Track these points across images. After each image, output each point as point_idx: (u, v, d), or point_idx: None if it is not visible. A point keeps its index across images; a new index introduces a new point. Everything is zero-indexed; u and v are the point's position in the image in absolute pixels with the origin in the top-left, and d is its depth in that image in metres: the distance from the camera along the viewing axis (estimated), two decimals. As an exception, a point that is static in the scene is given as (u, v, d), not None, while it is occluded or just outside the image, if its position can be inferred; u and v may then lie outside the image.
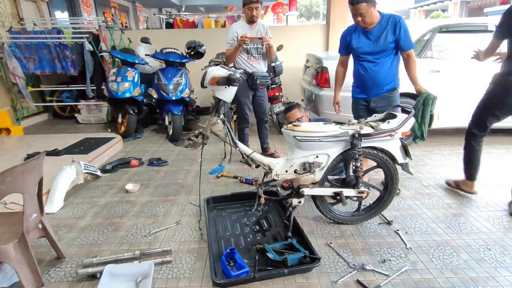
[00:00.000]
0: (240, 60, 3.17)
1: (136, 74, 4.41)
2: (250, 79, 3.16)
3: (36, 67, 4.90)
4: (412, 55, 2.46)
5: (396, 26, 2.39)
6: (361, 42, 2.52)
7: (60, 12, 7.24)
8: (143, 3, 12.72)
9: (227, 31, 3.19)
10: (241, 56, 3.14)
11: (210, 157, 3.65)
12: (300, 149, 2.02)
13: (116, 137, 4.06)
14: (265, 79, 3.23)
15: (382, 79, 2.53)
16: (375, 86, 2.57)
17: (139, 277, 1.74)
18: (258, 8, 3.01)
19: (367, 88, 2.60)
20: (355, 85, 2.71)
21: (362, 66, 2.57)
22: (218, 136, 2.13)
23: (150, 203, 2.65)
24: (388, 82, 2.54)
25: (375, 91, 2.58)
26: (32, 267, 1.65)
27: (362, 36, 2.51)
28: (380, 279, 1.75)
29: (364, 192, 2.14)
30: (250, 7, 2.99)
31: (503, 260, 1.88)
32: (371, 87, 2.58)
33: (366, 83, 2.59)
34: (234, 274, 1.71)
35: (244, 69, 3.15)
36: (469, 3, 16.62)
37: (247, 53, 3.13)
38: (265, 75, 3.23)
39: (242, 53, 3.13)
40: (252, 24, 3.13)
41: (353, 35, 2.56)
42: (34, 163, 1.65)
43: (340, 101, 2.84)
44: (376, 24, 2.43)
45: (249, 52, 3.13)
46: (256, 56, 3.17)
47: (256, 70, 3.17)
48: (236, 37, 3.05)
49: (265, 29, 3.18)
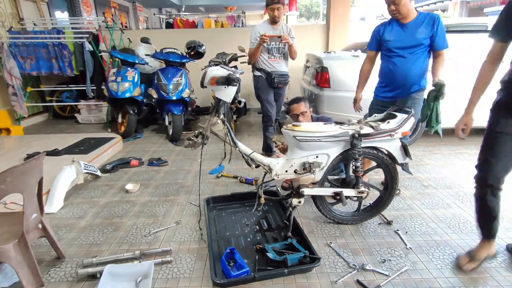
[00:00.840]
0: (260, 60, 3.24)
1: (136, 74, 4.41)
2: (269, 78, 3.23)
3: (33, 68, 4.88)
4: (442, 56, 2.39)
5: (435, 23, 2.33)
6: (394, 34, 2.44)
7: (60, 12, 7.24)
8: (143, 3, 12.71)
9: (227, 31, 3.21)
10: (262, 55, 3.21)
11: (210, 157, 3.65)
12: (300, 149, 2.02)
13: (116, 137, 4.06)
14: (284, 78, 3.28)
15: (413, 77, 2.43)
16: (405, 84, 2.46)
17: (139, 277, 1.74)
18: (280, 8, 3.06)
19: (396, 87, 2.49)
20: (382, 84, 2.60)
21: (392, 63, 2.47)
22: (218, 136, 2.13)
23: (150, 203, 2.65)
24: (417, 82, 2.45)
25: (404, 91, 2.48)
26: (32, 267, 1.65)
27: (396, 28, 2.44)
28: (380, 279, 1.75)
29: (364, 192, 2.15)
30: (272, 8, 3.06)
31: (503, 260, 1.88)
32: (401, 85, 2.47)
33: (396, 80, 2.48)
34: (234, 274, 1.71)
35: (264, 69, 3.22)
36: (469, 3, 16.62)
37: (267, 53, 3.20)
38: (284, 74, 3.29)
39: (263, 53, 3.20)
40: (275, 25, 3.20)
41: (387, 27, 2.49)
42: (34, 163, 1.65)
43: (359, 99, 2.78)
44: (413, 19, 2.38)
45: (270, 52, 3.20)
46: (276, 55, 3.22)
47: (276, 70, 3.23)
48: (258, 37, 3.11)
49: (288, 29, 3.23)
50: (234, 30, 7.45)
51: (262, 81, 3.29)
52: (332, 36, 5.87)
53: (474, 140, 4.08)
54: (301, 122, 2.51)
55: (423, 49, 2.41)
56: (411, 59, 2.42)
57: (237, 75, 2.05)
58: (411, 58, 2.42)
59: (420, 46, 2.40)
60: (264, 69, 3.24)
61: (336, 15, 5.79)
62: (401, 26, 2.43)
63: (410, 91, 2.49)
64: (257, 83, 3.34)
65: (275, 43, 3.16)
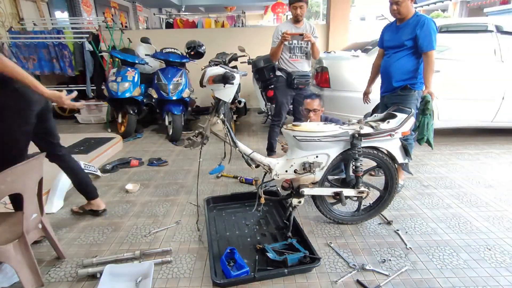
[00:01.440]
0: (282, 59, 3.19)
1: (136, 74, 4.41)
2: (289, 79, 3.16)
3: (35, 68, 4.90)
4: (429, 57, 2.41)
5: (419, 24, 2.40)
6: (388, 35, 2.63)
7: (60, 12, 7.24)
8: (143, 3, 12.72)
9: (227, 31, 3.20)
10: (283, 55, 3.15)
11: (210, 157, 3.65)
12: (300, 149, 2.02)
13: (116, 137, 4.06)
14: (304, 79, 3.19)
15: (393, 73, 2.56)
16: (386, 79, 2.66)
17: (139, 277, 1.74)
18: (302, 7, 3.00)
19: (383, 82, 2.72)
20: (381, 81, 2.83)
21: (384, 60, 2.69)
22: (218, 136, 2.13)
23: (150, 203, 2.65)
24: (399, 79, 2.55)
25: (387, 86, 2.66)
26: (32, 267, 1.65)
27: (392, 30, 2.61)
28: (380, 279, 1.75)
29: (364, 192, 2.15)
30: (295, 6, 3.00)
31: (503, 260, 1.88)
32: (383, 80, 2.70)
33: (382, 76, 2.71)
34: (234, 274, 1.71)
35: (285, 69, 3.17)
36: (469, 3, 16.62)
37: (289, 52, 3.14)
38: (304, 75, 3.19)
39: (284, 52, 3.14)
40: (298, 23, 3.13)
41: (388, 28, 2.68)
42: (34, 163, 1.65)
43: (369, 92, 2.95)
44: (406, 20, 2.48)
45: (291, 51, 3.13)
46: (298, 55, 3.15)
47: (297, 69, 3.16)
48: (280, 35, 3.05)
49: (311, 28, 3.16)
50: (234, 30, 7.44)
51: (281, 81, 3.22)
52: (332, 36, 5.87)
53: (474, 140, 4.09)
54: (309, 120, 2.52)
55: (407, 49, 2.50)
56: (394, 57, 2.57)
57: (236, 74, 2.05)
58: (394, 56, 2.56)
59: (403, 46, 2.50)
60: (285, 69, 3.17)
61: (336, 15, 5.79)
62: (396, 27, 2.56)
63: (393, 86, 2.60)
64: (277, 82, 3.29)
65: (297, 42, 3.09)
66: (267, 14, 15.45)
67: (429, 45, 2.40)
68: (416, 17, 2.45)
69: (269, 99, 4.36)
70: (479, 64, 3.62)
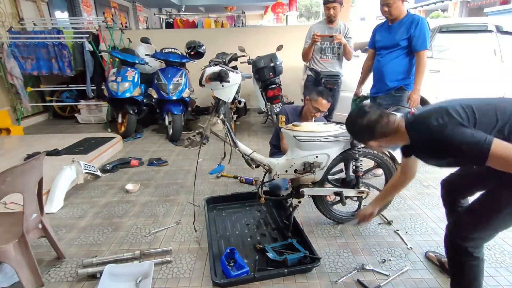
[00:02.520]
0: (313, 59, 3.20)
1: (136, 74, 4.41)
2: (317, 78, 3.18)
3: (33, 68, 4.88)
4: (422, 57, 2.43)
5: (413, 24, 2.41)
6: (381, 35, 2.61)
7: (60, 12, 7.24)
8: (143, 3, 12.71)
9: (227, 31, 3.20)
10: (314, 55, 3.17)
11: (210, 157, 3.64)
12: (300, 149, 2.02)
13: (116, 137, 4.06)
14: (333, 79, 3.18)
15: (387, 74, 2.56)
16: (379, 80, 2.63)
17: (139, 277, 1.74)
18: (335, 7, 3.00)
19: (375, 83, 2.71)
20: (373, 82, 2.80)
21: (377, 60, 2.67)
22: (218, 136, 2.13)
23: (150, 203, 2.65)
24: (393, 79, 2.55)
25: (379, 87, 2.64)
26: (32, 267, 1.65)
27: (384, 30, 2.60)
28: (380, 279, 1.75)
29: (364, 192, 2.14)
30: (328, 6, 3.01)
31: (503, 260, 1.88)
32: (376, 81, 2.68)
33: (374, 77, 2.71)
34: (234, 274, 1.71)
35: (315, 68, 3.17)
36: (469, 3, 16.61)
37: (320, 52, 3.15)
38: (333, 75, 3.19)
39: (316, 52, 3.16)
40: (332, 23, 3.12)
41: (379, 28, 2.68)
42: (34, 163, 1.65)
43: (359, 93, 3.00)
44: (399, 20, 2.48)
45: (322, 51, 3.14)
46: (329, 55, 3.15)
47: (326, 70, 3.16)
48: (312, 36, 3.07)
49: (346, 29, 3.15)
50: (234, 30, 7.44)
51: (310, 80, 3.23)
52: (332, 36, 5.87)
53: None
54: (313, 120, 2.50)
55: (401, 49, 2.50)
56: (387, 58, 2.57)
57: (237, 74, 2.05)
58: (388, 56, 2.57)
59: (397, 46, 2.50)
60: (314, 69, 3.18)
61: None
62: (388, 27, 2.57)
63: (387, 87, 2.60)
64: (306, 81, 3.30)
65: (330, 43, 3.09)
66: (267, 14, 15.45)
67: (422, 44, 2.42)
68: (410, 16, 2.46)
69: (269, 99, 4.36)
70: (479, 64, 3.62)
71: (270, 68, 4.27)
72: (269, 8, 12.60)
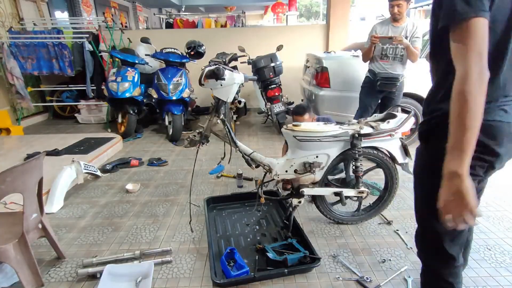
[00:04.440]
0: (373, 59, 3.11)
1: (136, 74, 4.41)
2: (374, 79, 3.08)
3: (34, 68, 4.88)
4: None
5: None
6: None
7: (60, 12, 7.24)
8: (143, 3, 12.71)
9: (227, 31, 3.19)
10: (375, 55, 3.07)
11: (210, 157, 3.65)
12: (300, 149, 2.02)
13: (116, 137, 4.06)
14: (390, 81, 3.00)
15: None
16: None
17: (139, 277, 1.74)
18: (400, 5, 2.85)
19: None
20: None
21: None
22: (218, 136, 2.13)
23: (150, 203, 2.65)
24: None
25: None
26: (32, 267, 1.65)
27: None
28: (380, 279, 1.75)
29: (364, 192, 2.14)
30: (392, 4, 2.89)
31: (503, 260, 1.88)
32: None
33: None
34: (234, 274, 1.71)
35: (373, 69, 3.09)
36: (469, 3, 16.58)
37: (381, 53, 3.04)
38: (391, 77, 3.01)
39: (377, 52, 3.05)
40: (397, 22, 2.98)
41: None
42: (34, 163, 1.65)
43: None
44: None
45: (383, 52, 3.03)
46: (390, 56, 3.01)
47: (385, 71, 3.03)
48: None
49: (413, 28, 2.96)
50: (234, 30, 7.44)
51: (367, 81, 3.14)
52: (332, 36, 5.87)
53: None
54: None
55: None
56: None
57: (238, 74, 2.05)
58: None
59: None
60: (373, 70, 3.08)
61: (336, 15, 5.79)
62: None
63: None
64: (363, 83, 3.22)
65: (393, 44, 2.94)
66: (267, 14, 15.44)
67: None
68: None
69: (269, 99, 4.36)
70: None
71: (270, 68, 4.27)
72: (269, 8, 12.60)
